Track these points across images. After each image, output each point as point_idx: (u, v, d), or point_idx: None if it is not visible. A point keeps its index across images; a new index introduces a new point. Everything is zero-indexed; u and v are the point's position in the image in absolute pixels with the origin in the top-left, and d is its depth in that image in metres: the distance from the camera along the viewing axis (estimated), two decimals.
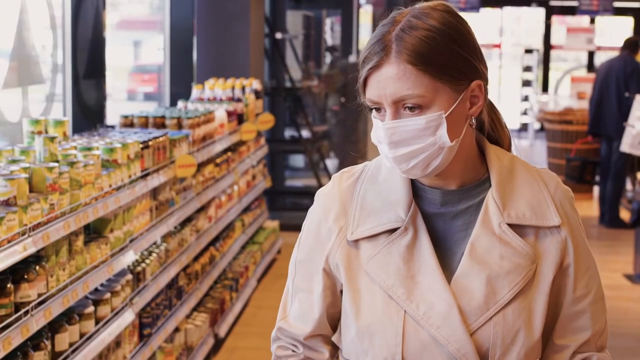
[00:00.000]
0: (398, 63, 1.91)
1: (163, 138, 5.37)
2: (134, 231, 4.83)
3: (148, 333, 5.07)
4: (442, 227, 2.04)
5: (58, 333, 3.88)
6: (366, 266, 2.01)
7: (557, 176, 2.12)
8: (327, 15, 14.77)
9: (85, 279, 4.09)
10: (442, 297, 1.96)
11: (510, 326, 1.97)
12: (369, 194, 2.07)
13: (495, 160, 2.07)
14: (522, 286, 1.99)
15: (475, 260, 1.99)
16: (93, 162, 4.19)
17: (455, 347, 1.94)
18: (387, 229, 2.02)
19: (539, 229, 2.04)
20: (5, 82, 5.35)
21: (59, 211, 3.80)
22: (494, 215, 2.01)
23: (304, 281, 2.11)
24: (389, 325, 1.97)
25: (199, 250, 6.23)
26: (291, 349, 2.14)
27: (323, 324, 2.10)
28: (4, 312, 3.35)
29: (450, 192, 2.04)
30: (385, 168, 2.08)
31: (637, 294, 8.23)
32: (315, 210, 2.13)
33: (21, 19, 5.50)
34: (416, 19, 1.95)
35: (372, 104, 1.96)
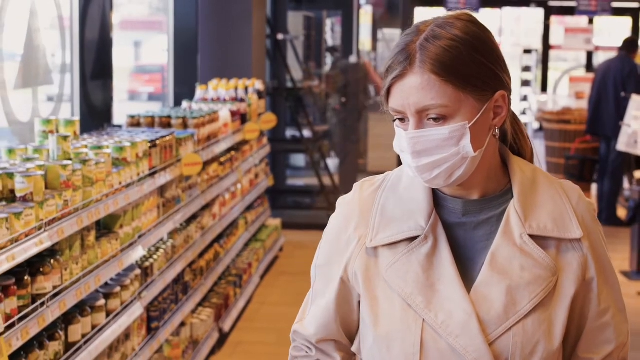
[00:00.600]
0: (422, 73, 1.90)
1: (170, 137, 5.52)
2: (143, 227, 4.98)
3: (156, 326, 5.22)
4: (462, 237, 2.04)
5: (71, 324, 4.03)
6: (385, 274, 2.01)
7: (579, 189, 2.11)
8: (327, 16, 14.90)
9: (97, 273, 4.24)
10: (461, 306, 1.96)
11: (529, 337, 1.96)
12: (390, 203, 2.07)
13: (517, 171, 2.06)
14: (543, 297, 1.98)
15: (496, 270, 1.99)
16: (104, 160, 4.34)
17: (473, 356, 1.94)
18: (407, 237, 2.02)
19: (561, 242, 2.03)
20: (16, 83, 5.50)
21: (72, 207, 3.95)
22: (516, 226, 2.01)
23: (321, 286, 2.13)
24: (407, 333, 1.97)
25: (203, 247, 6.37)
26: (305, 350, 2.16)
27: (335, 330, 2.12)
28: (22, 303, 3.50)
29: (471, 202, 2.04)
30: (407, 177, 2.08)
31: (633, 290, 8.39)
32: (336, 218, 2.15)
33: (31, 21, 5.64)
34: (440, 28, 1.94)
35: (396, 113, 1.96)
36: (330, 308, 2.10)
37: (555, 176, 2.14)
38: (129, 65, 18.91)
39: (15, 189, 3.62)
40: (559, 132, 13.55)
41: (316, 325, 2.12)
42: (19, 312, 3.47)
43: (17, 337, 3.38)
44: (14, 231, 3.38)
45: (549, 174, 2.11)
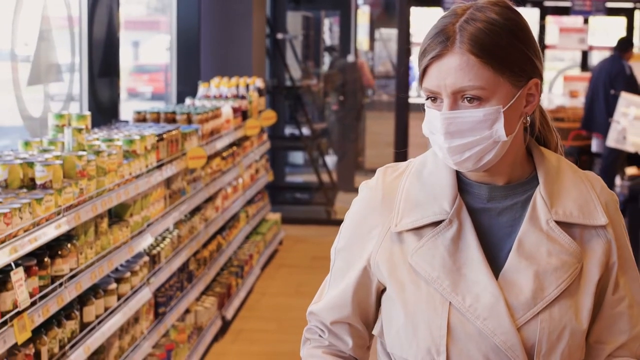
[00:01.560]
0: (462, 53, 1.92)
1: (176, 132, 5.77)
2: (151, 216, 5.23)
3: (163, 312, 5.48)
4: (487, 222, 2.04)
5: (86, 306, 4.29)
6: (411, 259, 2.01)
7: (601, 179, 2.12)
8: (325, 16, 15.12)
9: (109, 258, 4.50)
10: (488, 289, 1.97)
11: (556, 323, 1.97)
12: (414, 188, 2.07)
13: (543, 160, 2.07)
14: (569, 283, 1.99)
15: (523, 255, 1.99)
16: (116, 152, 4.59)
17: (501, 339, 1.95)
18: (432, 221, 2.02)
19: (585, 228, 2.04)
20: (29, 80, 5.75)
21: (87, 195, 4.21)
22: (542, 212, 2.02)
23: (341, 269, 2.13)
24: (433, 316, 1.98)
25: (207, 238, 6.63)
26: (319, 333, 2.17)
27: (350, 313, 2.12)
28: (42, 283, 3.76)
29: (497, 188, 2.04)
30: (431, 163, 2.09)
31: None
32: (359, 202, 2.14)
33: (43, 22, 5.90)
34: (479, 12, 1.96)
35: (430, 93, 1.96)
36: (348, 292, 2.10)
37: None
38: (128, 65, 19.12)
39: (36, 177, 3.88)
40: None
41: (331, 307, 2.13)
42: (39, 291, 3.72)
43: (39, 314, 3.64)
44: (36, 215, 3.64)
45: (573, 164, 2.13)
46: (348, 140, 13.22)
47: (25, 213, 3.54)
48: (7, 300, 3.43)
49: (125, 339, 4.83)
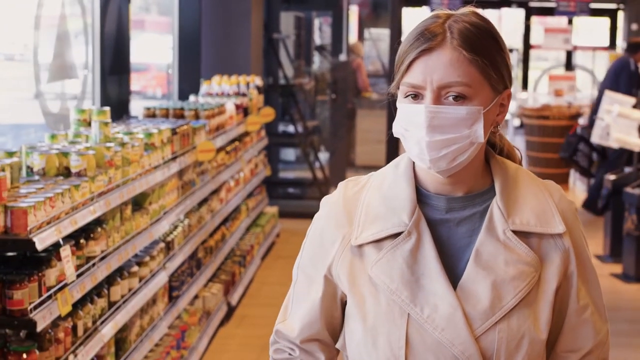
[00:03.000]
0: (453, 49, 1.94)
1: (187, 126, 6.13)
2: (167, 205, 5.59)
3: (176, 295, 5.83)
4: (446, 233, 2.04)
5: (113, 286, 4.63)
6: (370, 271, 2.02)
7: (561, 188, 2.13)
8: (317, 16, 15.46)
9: (133, 242, 4.85)
10: (446, 300, 1.97)
11: (514, 332, 1.98)
12: (374, 201, 2.07)
13: (500, 169, 2.08)
14: (527, 292, 2.00)
15: (481, 266, 2.00)
16: (138, 144, 4.95)
17: (459, 349, 1.96)
18: (391, 233, 2.02)
19: (543, 237, 2.04)
20: (49, 77, 6.11)
21: (114, 183, 4.56)
22: (499, 222, 2.02)
23: (305, 286, 2.13)
24: (392, 328, 1.99)
25: (213, 228, 6.98)
26: (288, 352, 2.16)
27: (320, 329, 2.12)
28: (78, 263, 4.10)
29: (455, 199, 2.05)
30: (391, 176, 2.10)
31: (606, 271, 9.07)
32: (320, 217, 2.15)
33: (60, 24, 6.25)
34: (464, 16, 2.00)
35: (412, 89, 1.96)
36: (316, 307, 2.11)
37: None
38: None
39: (70, 165, 4.23)
40: (538, 128, 14.19)
41: (301, 325, 2.12)
42: (77, 270, 4.07)
43: (77, 290, 3.99)
44: (74, 200, 3.99)
45: (532, 173, 2.13)
46: (339, 138, 13.57)
47: (66, 198, 3.89)
48: (52, 276, 3.78)
49: (145, 318, 5.17)
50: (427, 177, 2.06)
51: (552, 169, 13.99)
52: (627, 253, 8.88)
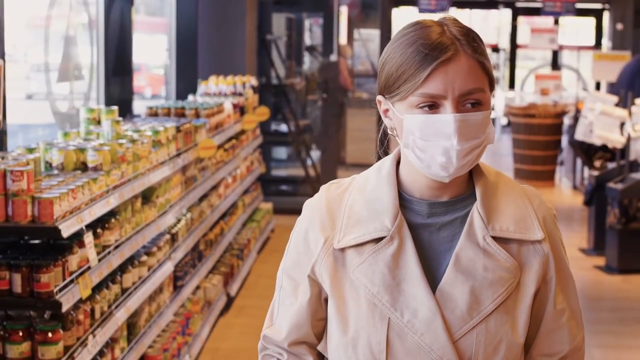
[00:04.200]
0: (467, 57, 1.95)
1: (189, 125, 6.44)
2: (172, 199, 5.89)
3: (181, 284, 6.14)
4: (427, 238, 2.05)
5: (125, 273, 4.94)
6: (352, 274, 2.04)
7: (540, 194, 2.15)
8: (307, 17, 15.74)
9: (142, 233, 5.16)
10: (426, 305, 1.99)
11: (492, 336, 2.00)
12: (357, 205, 2.08)
13: (481, 175, 2.09)
14: (505, 297, 2.01)
15: (460, 271, 2.01)
16: (146, 141, 5.25)
17: (438, 354, 1.98)
18: (373, 237, 2.03)
19: (523, 243, 2.05)
20: (58, 78, 6.41)
21: (126, 178, 4.87)
22: (479, 228, 2.03)
23: (291, 289, 2.14)
24: (373, 331, 2.00)
25: (212, 222, 7.29)
26: (276, 357, 2.17)
27: (307, 332, 2.13)
28: (96, 251, 4.41)
29: (437, 204, 2.06)
30: (374, 179, 2.11)
31: (590, 264, 9.41)
32: (303, 220, 2.15)
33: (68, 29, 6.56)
34: (454, 22, 2.02)
35: (430, 99, 1.95)
36: (303, 309, 2.12)
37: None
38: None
39: (87, 160, 4.54)
40: (525, 126, 14.53)
41: (288, 328, 2.14)
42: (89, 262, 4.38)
43: (96, 276, 4.30)
44: (92, 192, 4.30)
45: (512, 179, 2.15)
46: (330, 136, 13.87)
47: (85, 190, 4.20)
48: (74, 262, 4.09)
49: (152, 305, 5.48)
50: (412, 182, 2.08)
51: (538, 166, 14.36)
52: (609, 246, 9.21)
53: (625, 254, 9.03)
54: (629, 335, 7.28)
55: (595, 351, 6.84)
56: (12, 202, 3.83)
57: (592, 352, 6.78)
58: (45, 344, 3.90)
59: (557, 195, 13.72)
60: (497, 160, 17.70)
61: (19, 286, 3.85)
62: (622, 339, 7.18)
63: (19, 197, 3.82)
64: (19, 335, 3.90)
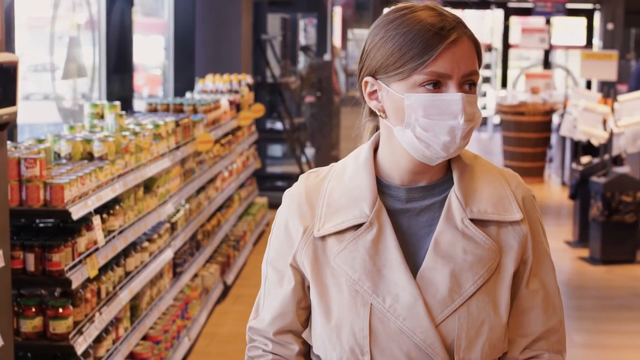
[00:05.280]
0: (468, 40, 2.00)
1: (187, 120, 6.76)
2: (171, 190, 6.21)
3: (180, 271, 6.46)
4: (406, 223, 2.06)
5: (128, 257, 5.25)
6: (333, 262, 2.04)
7: (518, 175, 2.16)
8: (301, 18, 16.05)
9: (144, 220, 5.47)
10: (407, 289, 1.99)
11: (474, 319, 2.00)
12: (335, 192, 2.09)
13: (458, 159, 2.10)
14: (486, 279, 2.02)
15: (440, 254, 2.01)
16: (148, 134, 5.57)
17: (421, 338, 1.98)
18: (353, 224, 2.03)
19: (501, 224, 2.06)
20: (63, 75, 6.73)
21: (129, 167, 5.19)
22: (457, 211, 2.03)
23: (276, 280, 2.14)
24: (355, 318, 2.01)
25: (210, 214, 7.61)
26: (262, 347, 2.18)
27: (292, 320, 2.14)
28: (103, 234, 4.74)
29: (415, 189, 2.07)
30: (352, 167, 2.12)
31: (575, 255, 9.75)
32: (282, 210, 2.15)
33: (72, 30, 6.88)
34: (441, 7, 2.06)
35: (437, 77, 1.96)
36: (287, 297, 2.12)
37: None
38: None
39: (93, 150, 4.86)
40: (514, 123, 14.85)
41: (272, 317, 2.15)
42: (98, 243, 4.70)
43: (102, 257, 4.62)
44: (99, 180, 4.62)
45: (490, 162, 2.17)
46: (323, 134, 14.16)
47: (92, 177, 4.53)
48: (82, 244, 4.41)
49: (153, 289, 5.80)
50: (391, 167, 2.09)
51: (528, 162, 14.69)
52: (593, 238, 9.53)
53: (607, 245, 9.35)
54: (608, 320, 7.62)
55: (575, 335, 7.17)
56: (26, 187, 4.16)
57: (572, 336, 7.11)
58: (56, 318, 4.22)
59: (546, 191, 14.05)
60: (489, 158, 17.99)
61: (32, 265, 4.18)
62: (600, 324, 7.52)
63: (32, 182, 4.15)
64: (31, 311, 4.22)
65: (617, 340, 7.13)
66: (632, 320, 7.68)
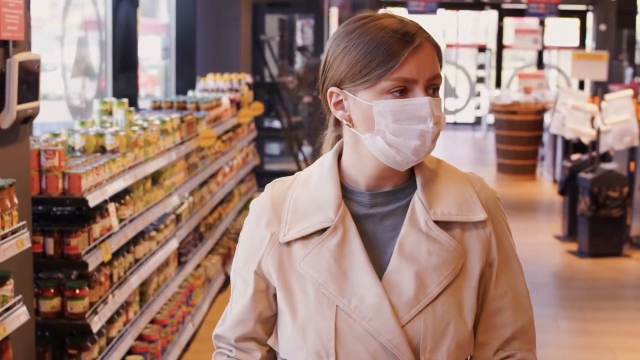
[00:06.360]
0: (430, 45, 2.01)
1: (191, 116, 7.08)
2: (177, 183, 6.53)
3: (184, 260, 6.79)
4: (371, 227, 2.07)
5: (137, 245, 5.57)
6: (299, 266, 2.05)
7: (483, 178, 2.17)
8: (299, 19, 16.36)
9: (152, 211, 5.79)
10: (372, 290, 2.00)
11: (440, 319, 2.00)
12: (301, 199, 2.10)
13: (421, 163, 2.10)
14: (451, 280, 2.02)
15: (404, 257, 2.02)
16: (155, 129, 5.89)
17: (386, 338, 1.98)
18: (318, 229, 2.05)
19: (466, 226, 2.07)
20: (72, 73, 7.05)
21: (138, 160, 5.51)
22: (421, 214, 2.04)
23: (243, 288, 2.14)
24: (321, 320, 2.02)
25: (211, 207, 7.93)
26: (226, 354, 2.18)
27: (253, 328, 2.14)
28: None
29: (378, 195, 2.08)
30: (317, 174, 2.13)
31: (563, 249, 10.10)
32: (249, 219, 2.16)
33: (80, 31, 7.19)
34: (398, 15, 2.06)
35: (404, 83, 1.97)
36: (247, 304, 2.13)
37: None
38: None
39: (106, 144, 5.18)
40: (507, 122, 15.18)
41: (234, 324, 2.15)
42: (111, 229, 5.02)
43: (114, 243, 4.94)
44: (112, 171, 4.94)
45: (453, 166, 2.18)
46: (319, 133, 14.43)
47: (106, 168, 4.85)
48: (97, 230, 4.73)
49: (160, 277, 6.12)
50: (356, 173, 2.10)
51: (520, 160, 15.03)
52: (581, 232, 9.86)
53: (595, 239, 9.69)
54: (594, 309, 7.95)
55: (562, 322, 7.52)
56: (46, 177, 4.48)
57: (558, 323, 7.46)
58: (74, 299, 4.54)
59: (537, 188, 14.40)
60: (483, 156, 18.37)
61: (52, 249, 4.50)
62: (587, 312, 7.85)
63: (52, 172, 4.47)
64: (50, 292, 4.54)
65: (601, 327, 7.46)
66: (616, 308, 8.03)
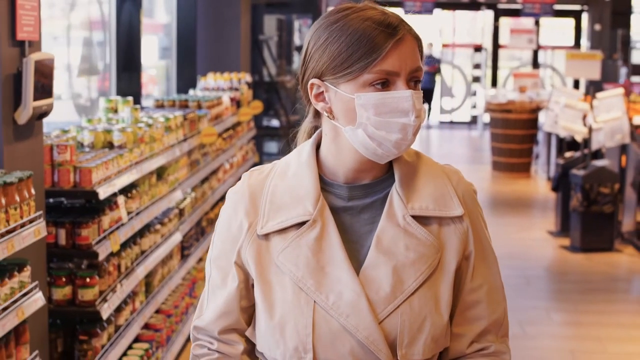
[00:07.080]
0: (412, 39, 1.99)
1: (193, 114, 7.29)
2: (180, 178, 6.75)
3: (187, 254, 7.00)
4: (349, 220, 2.06)
5: (143, 237, 5.79)
6: (276, 259, 2.03)
7: (459, 171, 2.16)
8: (296, 19, 16.57)
9: (157, 205, 6.01)
10: (350, 287, 1.99)
11: (416, 315, 1.99)
12: (279, 189, 2.08)
13: (400, 157, 2.09)
14: (428, 275, 2.01)
15: (382, 251, 2.01)
16: (160, 126, 6.11)
17: (364, 335, 1.97)
18: (296, 222, 2.03)
19: (443, 220, 2.06)
20: (78, 72, 7.26)
21: (143, 156, 5.72)
22: (398, 208, 2.03)
23: (219, 278, 2.12)
24: (299, 315, 2.00)
25: (213, 203, 8.14)
26: (207, 346, 2.16)
27: (237, 318, 2.12)
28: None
29: (356, 187, 2.07)
30: (295, 164, 2.11)
31: (556, 244, 10.32)
32: (226, 208, 2.14)
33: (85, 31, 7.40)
34: (380, 6, 2.05)
35: (386, 75, 1.96)
36: (232, 296, 2.11)
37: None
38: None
39: (113, 140, 5.40)
40: (502, 121, 15.40)
41: (217, 315, 2.13)
42: (118, 222, 5.23)
43: (122, 235, 5.16)
44: (120, 166, 5.16)
45: (431, 158, 2.16)
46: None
47: (114, 163, 5.06)
48: (106, 222, 4.95)
49: (164, 268, 6.34)
50: (335, 165, 2.09)
51: (515, 158, 15.24)
52: (573, 228, 10.08)
53: (587, 234, 9.90)
54: (585, 302, 8.18)
55: (555, 314, 7.74)
56: (58, 170, 4.69)
57: (551, 315, 7.68)
58: (84, 287, 4.76)
59: (532, 185, 14.62)
60: (479, 154, 18.58)
61: (64, 239, 4.71)
62: (578, 305, 8.08)
63: (63, 166, 4.68)
64: (62, 280, 4.75)
65: (592, 318, 7.68)
66: (606, 301, 8.25)
